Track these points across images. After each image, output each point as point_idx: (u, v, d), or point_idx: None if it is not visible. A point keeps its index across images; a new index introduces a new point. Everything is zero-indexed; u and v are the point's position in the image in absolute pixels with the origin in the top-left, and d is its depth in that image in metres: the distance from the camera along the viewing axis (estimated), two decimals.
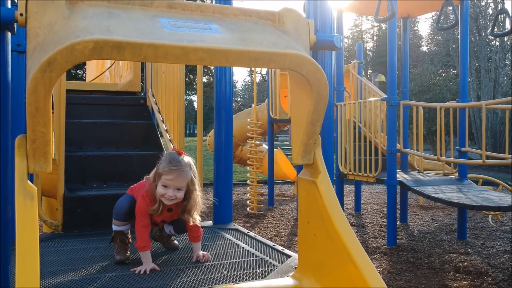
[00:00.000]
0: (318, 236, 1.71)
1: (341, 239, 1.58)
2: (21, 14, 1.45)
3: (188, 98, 46.79)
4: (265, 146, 8.87)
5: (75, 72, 28.33)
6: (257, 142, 7.64)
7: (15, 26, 1.62)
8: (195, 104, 52.53)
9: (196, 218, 2.16)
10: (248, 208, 7.30)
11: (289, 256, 2.19)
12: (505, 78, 19.79)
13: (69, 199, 2.90)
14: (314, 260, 1.77)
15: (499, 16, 7.75)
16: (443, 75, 25.45)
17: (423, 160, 6.63)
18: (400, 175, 5.89)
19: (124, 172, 3.45)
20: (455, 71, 25.38)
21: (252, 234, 2.67)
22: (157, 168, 2.09)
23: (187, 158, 2.12)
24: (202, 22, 1.58)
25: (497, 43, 21.10)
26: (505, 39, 19.69)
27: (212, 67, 27.45)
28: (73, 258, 2.23)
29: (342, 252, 1.58)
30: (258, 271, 2.00)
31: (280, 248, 2.35)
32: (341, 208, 1.69)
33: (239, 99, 55.58)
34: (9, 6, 1.61)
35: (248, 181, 7.86)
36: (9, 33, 1.68)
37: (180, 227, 2.32)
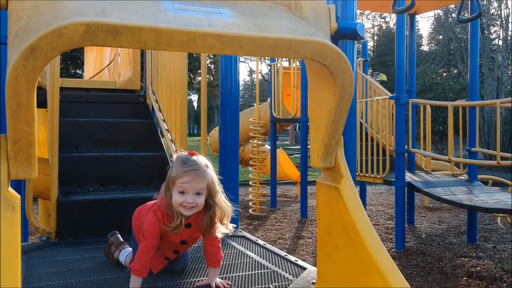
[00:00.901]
0: (341, 249, 1.51)
1: (369, 253, 1.39)
2: None
3: (188, 97, 46.54)
4: (267, 146, 8.69)
5: (74, 71, 28.10)
6: (259, 142, 7.46)
7: None
8: (195, 103, 52.38)
9: (229, 226, 1.84)
10: (250, 210, 7.12)
11: (304, 268, 1.98)
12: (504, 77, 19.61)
13: (63, 204, 2.69)
14: (336, 275, 1.56)
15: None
16: (444, 74, 25.27)
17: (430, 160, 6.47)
18: (408, 176, 5.74)
19: (123, 175, 3.25)
20: (456, 71, 25.20)
21: (261, 242, 2.46)
22: (169, 174, 1.76)
23: (202, 158, 1.81)
24: (210, 6, 1.39)
25: (500, 42, 20.93)
26: (508, 38, 19.53)
27: (212, 66, 27.27)
28: (65, 270, 2.03)
29: (370, 267, 1.38)
30: (271, 286, 1.79)
31: (293, 258, 2.14)
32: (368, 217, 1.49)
33: (239, 99, 55.37)
34: None
35: (250, 182, 7.67)
36: None
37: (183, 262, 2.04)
